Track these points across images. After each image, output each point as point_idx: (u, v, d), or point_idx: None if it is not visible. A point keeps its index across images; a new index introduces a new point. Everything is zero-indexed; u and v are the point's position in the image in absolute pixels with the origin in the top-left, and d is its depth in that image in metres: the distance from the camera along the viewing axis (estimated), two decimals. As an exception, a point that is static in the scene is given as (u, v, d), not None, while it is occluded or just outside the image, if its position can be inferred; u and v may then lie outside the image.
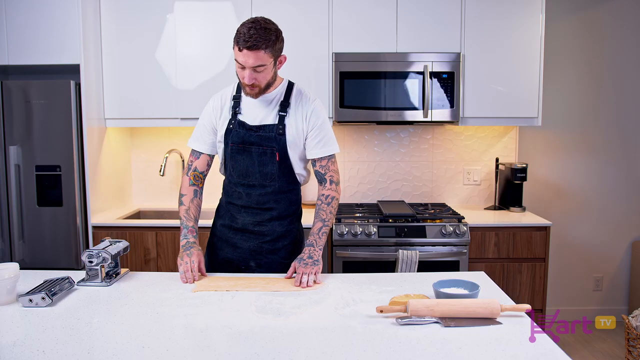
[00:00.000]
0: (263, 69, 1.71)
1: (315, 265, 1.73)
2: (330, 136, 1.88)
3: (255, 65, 1.69)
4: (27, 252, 2.79)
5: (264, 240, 1.91)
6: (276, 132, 1.82)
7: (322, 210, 1.85)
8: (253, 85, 1.74)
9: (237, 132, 1.84)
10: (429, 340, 1.25)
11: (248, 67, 1.69)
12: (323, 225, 1.83)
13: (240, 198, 1.90)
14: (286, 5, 2.97)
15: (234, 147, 1.85)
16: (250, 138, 1.83)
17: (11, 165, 2.75)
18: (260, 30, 1.68)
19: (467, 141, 3.37)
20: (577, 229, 3.54)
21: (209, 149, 1.92)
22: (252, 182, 1.86)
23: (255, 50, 1.66)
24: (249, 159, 1.84)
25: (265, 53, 1.69)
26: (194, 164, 1.93)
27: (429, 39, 2.97)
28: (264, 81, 1.76)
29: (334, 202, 1.87)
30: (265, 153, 1.82)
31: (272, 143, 1.82)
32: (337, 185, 1.89)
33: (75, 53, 2.78)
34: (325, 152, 1.86)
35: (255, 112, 1.85)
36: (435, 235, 2.74)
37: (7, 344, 1.24)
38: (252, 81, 1.72)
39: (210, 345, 1.23)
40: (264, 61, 1.70)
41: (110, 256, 1.69)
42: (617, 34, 3.41)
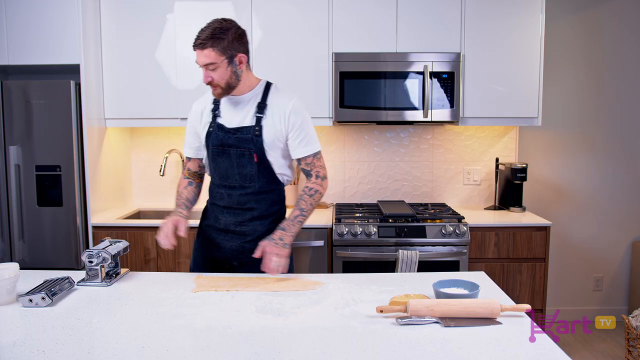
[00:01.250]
0: (215, 67, 1.76)
1: (285, 248, 1.76)
2: (312, 134, 1.90)
3: (206, 63, 1.75)
4: (27, 252, 2.79)
5: (245, 240, 1.92)
6: (253, 134, 1.83)
7: (302, 200, 1.87)
8: (212, 85, 1.80)
9: (217, 134, 1.87)
10: (429, 340, 1.25)
11: (201, 66, 1.77)
12: (300, 214, 1.85)
13: (222, 199, 1.93)
14: (286, 5, 2.97)
15: (214, 150, 1.88)
16: (229, 140, 1.85)
17: (11, 165, 2.75)
18: (211, 29, 1.75)
19: (467, 141, 3.37)
20: (577, 229, 3.54)
21: (194, 153, 1.99)
22: (232, 184, 1.89)
23: (203, 49, 1.74)
24: (228, 160, 1.87)
25: (213, 51, 1.73)
26: (187, 165, 2.04)
27: (429, 39, 2.97)
28: (222, 80, 1.79)
29: (317, 195, 1.88)
30: (244, 155, 1.85)
31: (249, 145, 1.84)
32: (322, 179, 1.91)
33: (75, 53, 2.78)
34: (309, 150, 1.88)
35: (233, 115, 1.88)
36: (435, 235, 2.74)
37: (7, 344, 1.24)
38: (207, 79, 1.78)
39: (210, 345, 1.23)
40: (213, 59, 1.74)
41: (110, 256, 1.69)
42: (617, 34, 3.41)
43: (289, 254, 1.80)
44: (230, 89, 1.83)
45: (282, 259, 1.74)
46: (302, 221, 1.85)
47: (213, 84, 1.80)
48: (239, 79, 1.84)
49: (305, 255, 2.79)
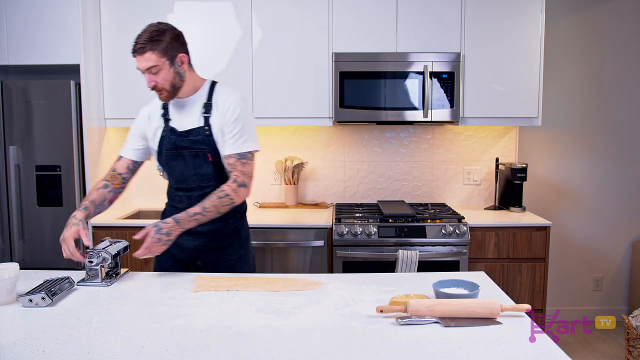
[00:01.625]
0: (157, 70, 1.74)
1: (165, 245, 1.71)
2: (244, 134, 1.83)
3: (148, 67, 1.73)
4: (27, 252, 2.79)
5: (208, 239, 1.91)
6: (203, 134, 1.83)
7: (208, 199, 1.78)
8: (157, 89, 1.78)
9: (169, 138, 1.86)
10: (429, 340, 1.25)
11: (143, 70, 1.75)
12: (199, 212, 1.76)
13: (181, 202, 1.91)
14: (286, 5, 2.97)
15: (167, 154, 1.87)
16: (182, 143, 1.84)
17: (11, 165, 2.75)
18: (148, 33, 1.73)
19: (467, 141, 3.37)
20: (577, 229, 3.54)
21: (131, 154, 1.94)
22: (190, 185, 1.88)
23: (143, 53, 1.72)
24: (184, 163, 1.86)
25: (153, 54, 1.72)
26: (114, 164, 1.96)
27: (429, 39, 2.97)
28: (167, 83, 1.78)
29: (226, 199, 1.79)
30: (198, 155, 1.84)
31: (202, 145, 1.83)
32: (239, 186, 1.81)
33: (75, 53, 2.78)
34: (235, 149, 1.82)
35: (182, 118, 1.87)
36: (435, 235, 2.74)
37: (7, 344, 1.24)
38: (151, 84, 1.76)
39: (210, 345, 1.23)
40: (155, 62, 1.73)
41: (110, 256, 1.69)
42: (617, 34, 3.41)
43: (162, 249, 1.73)
44: (175, 90, 1.81)
45: (152, 252, 1.70)
46: (199, 220, 1.76)
47: (158, 88, 1.78)
48: (182, 80, 1.82)
49: (305, 255, 2.79)
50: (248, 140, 1.85)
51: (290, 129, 3.35)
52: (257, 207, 3.31)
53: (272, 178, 3.40)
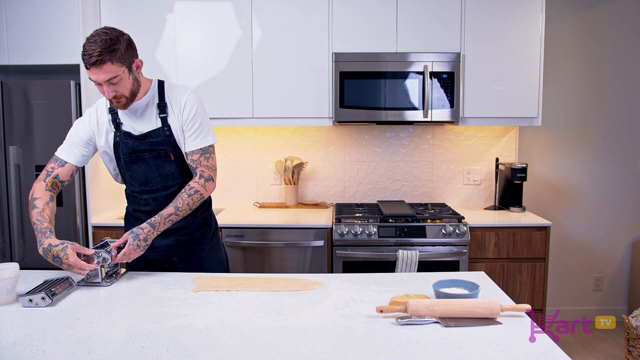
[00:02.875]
0: (118, 80, 1.68)
1: (142, 251, 1.71)
2: (203, 129, 1.85)
3: (108, 79, 1.65)
4: (27, 252, 2.79)
5: (181, 234, 1.93)
6: (164, 135, 1.83)
7: (180, 198, 1.79)
8: (117, 97, 1.72)
9: (126, 143, 1.83)
10: (429, 340, 1.25)
11: (102, 82, 1.66)
12: (173, 213, 1.77)
13: (147, 204, 1.91)
14: (286, 5, 2.97)
15: (126, 158, 1.85)
16: (141, 146, 1.83)
17: (11, 165, 2.75)
18: (101, 42, 1.62)
19: (467, 141, 3.37)
20: (577, 229, 3.54)
21: (77, 160, 1.86)
22: (155, 187, 1.88)
23: (101, 65, 1.62)
24: (145, 166, 1.85)
25: (113, 65, 1.64)
26: (56, 171, 1.84)
27: (429, 38, 2.97)
28: (127, 91, 1.73)
29: (196, 195, 1.81)
30: (160, 156, 1.84)
31: (164, 146, 1.83)
32: (207, 181, 1.84)
33: (75, 53, 2.78)
34: (197, 144, 1.84)
35: (135, 121, 1.84)
36: (435, 235, 2.74)
37: (7, 344, 1.24)
38: (113, 94, 1.70)
39: (210, 345, 1.23)
40: (115, 72, 1.66)
41: (110, 256, 1.69)
42: (618, 34, 3.41)
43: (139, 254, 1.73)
44: (133, 97, 1.78)
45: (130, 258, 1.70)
46: (173, 220, 1.78)
47: (117, 97, 1.72)
48: (139, 85, 1.79)
49: (306, 255, 2.79)
50: (208, 135, 1.86)
51: (290, 129, 3.35)
52: (257, 207, 3.31)
53: (272, 178, 3.40)
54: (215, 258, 2.01)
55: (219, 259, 2.03)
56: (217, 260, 2.02)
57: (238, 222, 2.84)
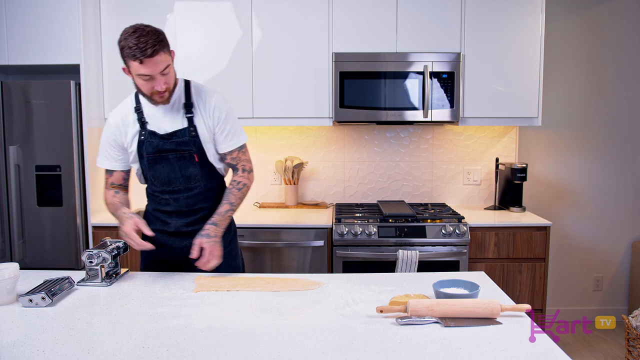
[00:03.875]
0: (169, 70, 1.71)
1: (218, 244, 1.79)
2: (236, 128, 1.90)
3: (162, 69, 1.67)
4: (27, 252, 2.79)
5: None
6: (189, 135, 1.82)
7: (231, 194, 1.88)
8: (165, 91, 1.72)
9: (150, 142, 1.83)
10: (429, 340, 1.25)
11: (156, 74, 1.67)
12: (230, 209, 1.86)
13: (168, 204, 1.91)
14: (286, 5, 2.97)
15: (150, 158, 1.84)
16: (165, 146, 1.82)
17: (11, 165, 2.75)
18: (149, 34, 1.64)
19: (467, 141, 3.37)
20: (577, 229, 3.54)
21: (121, 165, 1.91)
22: (177, 187, 1.87)
23: (156, 56, 1.64)
24: (169, 166, 1.85)
25: (164, 53, 1.67)
26: (110, 180, 1.93)
27: (429, 38, 2.97)
28: (172, 81, 1.76)
29: (245, 188, 1.91)
30: (184, 157, 1.84)
31: (189, 146, 1.83)
32: (249, 173, 1.93)
33: (75, 53, 2.78)
34: (234, 144, 1.89)
35: (162, 121, 1.83)
36: (435, 235, 2.74)
37: (7, 344, 1.24)
38: (165, 86, 1.70)
39: (210, 345, 1.23)
40: (167, 62, 1.69)
41: (110, 256, 1.69)
42: (618, 34, 3.41)
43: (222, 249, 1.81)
44: (173, 89, 1.79)
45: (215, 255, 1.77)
46: (231, 215, 1.88)
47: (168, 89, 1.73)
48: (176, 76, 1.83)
49: (306, 255, 2.79)
50: (241, 134, 1.92)
51: (290, 129, 3.35)
52: (257, 207, 3.31)
53: (272, 178, 3.40)
54: (232, 264, 1.99)
55: (235, 265, 2.01)
56: (234, 266, 2.00)
57: (238, 222, 2.81)
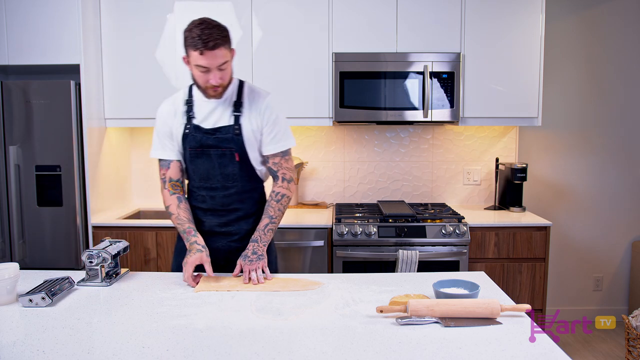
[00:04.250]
0: (227, 66, 1.72)
1: (260, 260, 1.75)
2: (284, 132, 1.87)
3: (221, 63, 1.69)
4: (27, 252, 2.79)
5: (232, 239, 1.91)
6: (233, 133, 1.81)
7: (270, 207, 1.84)
8: (219, 86, 1.74)
9: (194, 136, 1.82)
10: (429, 340, 1.25)
11: (214, 67, 1.68)
12: (270, 222, 1.82)
13: (204, 201, 1.90)
14: (286, 5, 2.97)
15: (192, 152, 1.84)
16: (208, 141, 1.82)
17: (11, 165, 2.75)
18: (215, 28, 1.67)
19: (467, 141, 3.37)
20: (577, 229, 3.54)
21: (176, 155, 1.88)
22: (214, 185, 1.86)
23: (218, 49, 1.66)
24: (209, 162, 1.84)
25: (225, 49, 1.69)
26: (167, 174, 1.88)
27: (429, 39, 2.97)
28: (228, 77, 1.77)
29: (284, 199, 1.86)
30: (225, 155, 1.82)
31: (231, 144, 1.82)
32: (289, 182, 1.88)
33: (75, 53, 2.78)
34: (278, 147, 1.85)
35: (210, 115, 1.84)
36: (435, 235, 2.74)
37: (7, 344, 1.24)
38: (220, 81, 1.72)
39: (210, 345, 1.23)
40: (226, 57, 1.71)
41: (110, 256, 1.69)
42: (618, 34, 3.41)
43: (266, 262, 1.77)
44: (228, 86, 1.81)
45: (259, 271, 1.73)
46: (272, 229, 1.83)
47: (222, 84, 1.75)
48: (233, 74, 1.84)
49: (305, 255, 2.79)
50: (288, 137, 1.88)
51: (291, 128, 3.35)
52: (257, 207, 3.31)
53: (272, 178, 3.39)
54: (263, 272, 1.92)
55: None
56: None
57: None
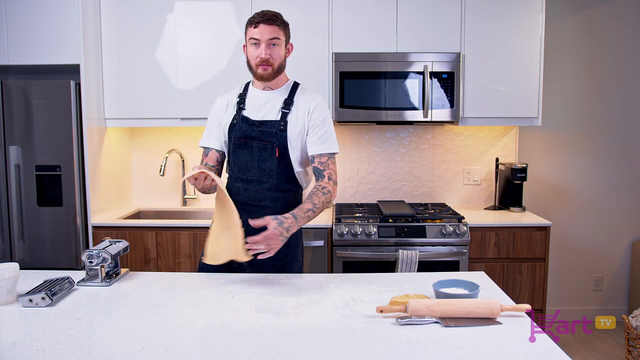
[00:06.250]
0: (278, 43, 1.83)
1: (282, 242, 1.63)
2: (331, 135, 1.89)
3: (271, 37, 1.80)
4: (27, 252, 2.79)
5: None
6: (277, 128, 1.84)
7: (315, 195, 1.78)
8: (267, 62, 1.82)
9: (240, 126, 1.88)
10: (429, 340, 1.25)
11: (264, 41, 1.80)
12: (311, 209, 1.75)
13: (238, 194, 1.90)
14: (286, 6, 2.96)
15: (236, 142, 1.88)
16: (252, 133, 1.86)
17: (11, 165, 2.75)
18: (274, 13, 1.85)
19: (467, 141, 3.37)
20: (577, 229, 3.54)
21: (217, 144, 1.96)
22: (251, 177, 1.88)
23: (270, 24, 1.80)
24: (250, 153, 1.87)
25: (279, 28, 1.82)
26: (204, 160, 1.96)
27: (429, 39, 2.97)
28: (277, 59, 1.84)
29: (329, 195, 1.82)
30: (266, 148, 1.84)
31: (273, 139, 1.84)
32: (335, 184, 1.86)
33: (75, 53, 2.78)
34: (326, 148, 1.86)
35: (260, 108, 1.89)
36: (435, 235, 2.74)
37: (7, 344, 1.24)
38: (267, 56, 1.81)
39: (210, 345, 1.23)
40: (279, 35, 1.82)
41: (110, 256, 1.69)
42: (617, 34, 3.41)
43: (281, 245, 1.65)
44: (278, 72, 1.88)
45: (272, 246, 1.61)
46: (311, 217, 1.76)
47: (269, 62, 1.82)
48: (284, 65, 1.90)
49: (306, 255, 2.79)
50: (334, 143, 1.89)
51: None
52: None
53: (272, 178, 3.39)
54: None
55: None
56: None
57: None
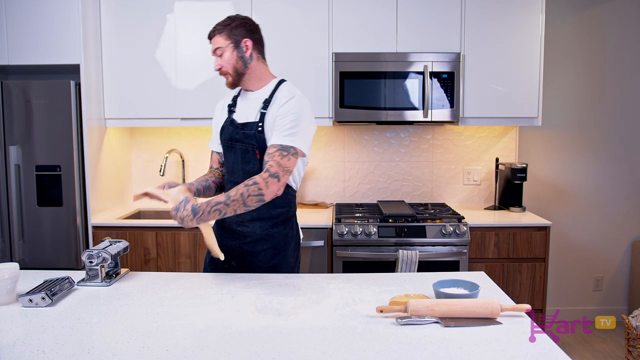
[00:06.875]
0: (221, 52, 1.84)
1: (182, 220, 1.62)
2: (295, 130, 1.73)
3: (214, 49, 1.85)
4: (27, 252, 2.79)
5: (244, 241, 1.87)
6: (256, 130, 1.82)
7: (236, 188, 1.66)
8: (222, 72, 1.86)
9: (228, 129, 1.90)
10: (429, 340, 1.25)
11: (212, 54, 1.86)
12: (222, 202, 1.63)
13: None
14: (286, 6, 2.97)
15: (224, 145, 1.92)
16: (237, 135, 1.86)
17: (11, 165, 2.75)
18: (221, 20, 1.88)
19: (467, 141, 3.37)
20: (577, 229, 3.54)
21: (217, 147, 2.00)
22: (237, 180, 1.87)
23: (212, 38, 1.86)
24: (235, 156, 1.88)
25: (220, 37, 1.84)
26: (210, 163, 2.04)
27: (428, 39, 2.97)
28: (229, 66, 1.84)
29: (254, 187, 1.64)
30: (247, 150, 1.84)
31: (252, 140, 1.83)
32: (270, 176, 1.67)
33: (75, 53, 2.78)
34: (279, 140, 1.72)
35: (244, 112, 1.90)
36: (435, 235, 2.74)
37: (7, 344, 1.24)
38: (217, 67, 1.85)
39: (210, 345, 1.23)
40: (220, 44, 1.83)
41: (110, 256, 1.69)
42: (617, 34, 3.41)
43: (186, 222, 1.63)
44: (239, 76, 1.85)
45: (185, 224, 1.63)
46: (221, 211, 1.63)
47: (222, 72, 1.85)
48: (246, 65, 1.84)
49: (305, 255, 2.79)
50: (296, 138, 1.73)
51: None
52: (257, 207, 3.31)
53: (272, 178, 3.39)
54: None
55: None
56: None
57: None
